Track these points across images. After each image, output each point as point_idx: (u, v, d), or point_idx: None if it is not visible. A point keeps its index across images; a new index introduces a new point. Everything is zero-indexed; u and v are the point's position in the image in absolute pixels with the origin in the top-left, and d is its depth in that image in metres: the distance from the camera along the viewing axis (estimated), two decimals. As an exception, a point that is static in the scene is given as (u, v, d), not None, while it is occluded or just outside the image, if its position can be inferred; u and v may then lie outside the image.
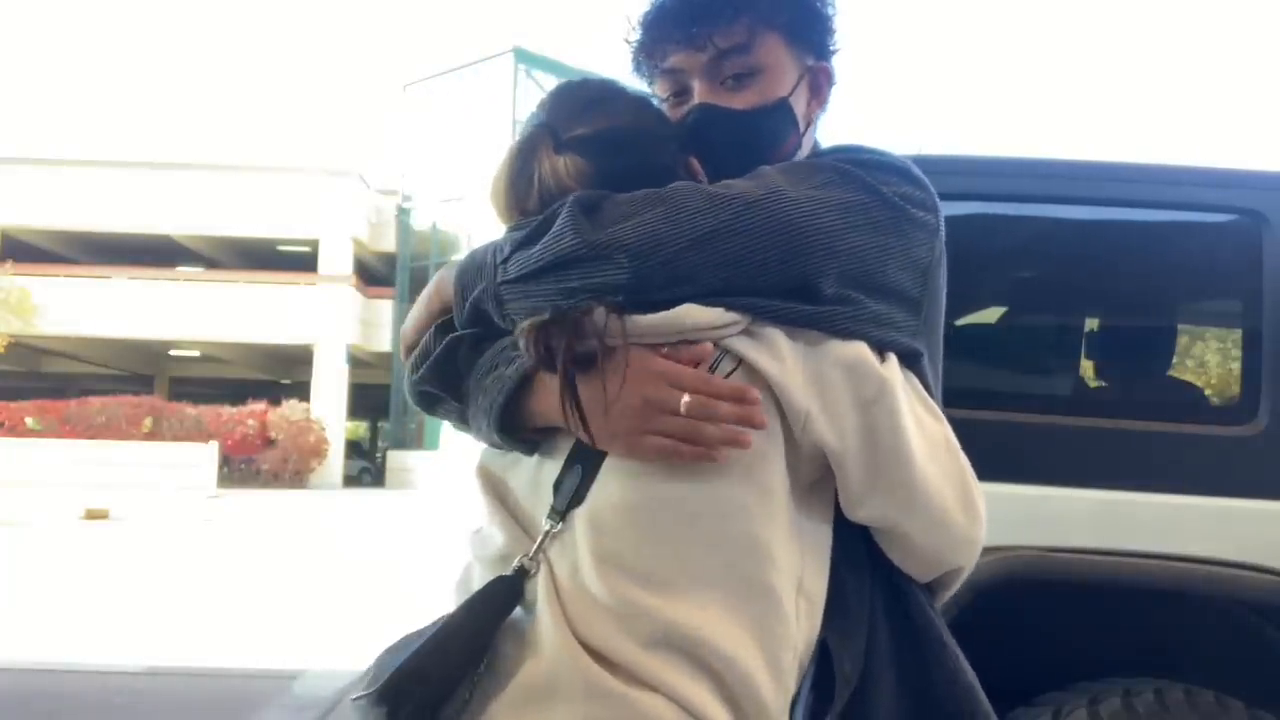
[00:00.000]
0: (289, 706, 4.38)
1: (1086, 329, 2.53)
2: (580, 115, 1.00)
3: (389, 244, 27.51)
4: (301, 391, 24.63)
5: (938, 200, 1.01)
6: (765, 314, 0.91)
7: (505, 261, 0.95)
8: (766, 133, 1.04)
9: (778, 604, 0.89)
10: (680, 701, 0.85)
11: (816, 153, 1.07)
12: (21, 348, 23.99)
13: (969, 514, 0.95)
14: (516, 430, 0.97)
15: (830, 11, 1.08)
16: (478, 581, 0.97)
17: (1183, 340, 2.99)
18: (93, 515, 13.50)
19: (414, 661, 0.87)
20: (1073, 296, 2.56)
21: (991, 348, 2.57)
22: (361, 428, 35.50)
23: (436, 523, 13.33)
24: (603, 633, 0.87)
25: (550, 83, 26.11)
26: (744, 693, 0.86)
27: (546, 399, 0.93)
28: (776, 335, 0.91)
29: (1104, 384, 2.60)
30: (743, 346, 0.91)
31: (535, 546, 0.93)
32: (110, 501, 14.45)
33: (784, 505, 0.91)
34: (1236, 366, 2.22)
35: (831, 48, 1.09)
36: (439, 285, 1.07)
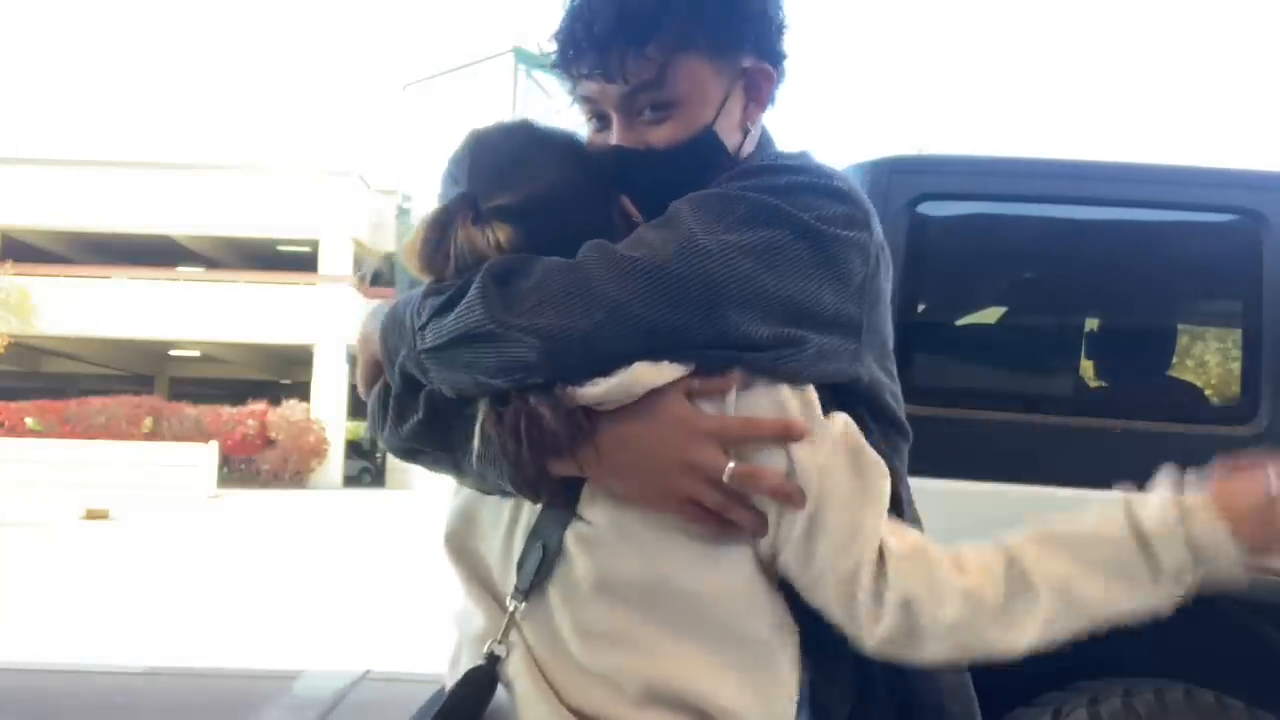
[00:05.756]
0: (289, 706, 4.38)
1: (1086, 329, 2.53)
2: (502, 180, 0.93)
3: (389, 244, 27.50)
4: (301, 391, 24.64)
5: (868, 208, 0.96)
6: (711, 363, 0.87)
7: (423, 327, 0.90)
8: (690, 168, 0.97)
9: (770, 653, 0.88)
10: None
11: (743, 168, 0.99)
12: (21, 348, 23.98)
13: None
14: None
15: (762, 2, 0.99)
16: (465, 661, 0.95)
17: (1183, 340, 2.99)
18: (93, 515, 13.50)
19: None
20: (1073, 297, 2.56)
21: (991, 348, 2.57)
22: (361, 428, 35.35)
23: (436, 523, 13.31)
24: (592, 698, 0.86)
25: (550, 83, 26.19)
26: None
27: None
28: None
29: (1104, 384, 2.60)
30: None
31: (502, 629, 0.91)
32: (110, 501, 14.44)
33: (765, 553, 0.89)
34: (1236, 366, 2.22)
35: (772, 40, 1.01)
36: (367, 333, 1.02)
